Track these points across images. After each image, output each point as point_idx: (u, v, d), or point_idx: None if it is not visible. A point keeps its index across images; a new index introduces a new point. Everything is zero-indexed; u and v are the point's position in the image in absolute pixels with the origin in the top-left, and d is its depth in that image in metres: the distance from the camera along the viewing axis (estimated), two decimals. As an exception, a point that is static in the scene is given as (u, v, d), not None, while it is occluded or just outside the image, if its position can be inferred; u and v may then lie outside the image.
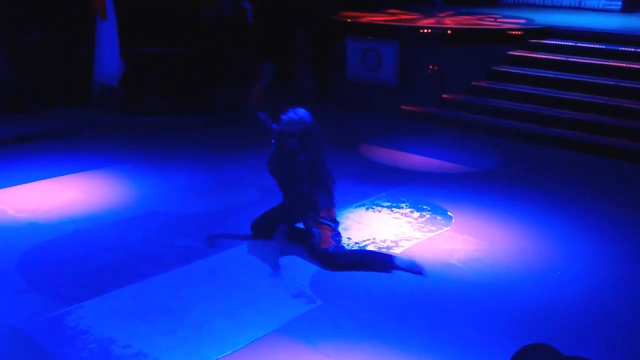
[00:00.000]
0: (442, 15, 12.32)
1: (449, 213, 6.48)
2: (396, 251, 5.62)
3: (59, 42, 10.18)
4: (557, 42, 10.82)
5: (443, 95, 10.41)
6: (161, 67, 10.52)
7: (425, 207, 6.63)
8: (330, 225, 5.41)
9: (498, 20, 12.26)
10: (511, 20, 12.15)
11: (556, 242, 5.94)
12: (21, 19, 9.94)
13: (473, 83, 10.50)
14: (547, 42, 10.90)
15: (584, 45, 10.52)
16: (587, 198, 7.02)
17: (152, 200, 6.74)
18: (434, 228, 6.13)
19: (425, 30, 10.71)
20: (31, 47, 9.93)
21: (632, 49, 10.01)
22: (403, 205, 6.67)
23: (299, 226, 5.65)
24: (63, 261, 5.35)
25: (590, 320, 4.68)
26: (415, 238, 5.90)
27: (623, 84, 9.51)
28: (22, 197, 6.70)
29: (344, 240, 5.71)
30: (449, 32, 10.76)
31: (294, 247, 5.56)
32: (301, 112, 5.52)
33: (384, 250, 5.61)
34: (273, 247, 5.48)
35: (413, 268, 5.24)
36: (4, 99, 9.46)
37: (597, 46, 10.39)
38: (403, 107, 10.43)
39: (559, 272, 5.35)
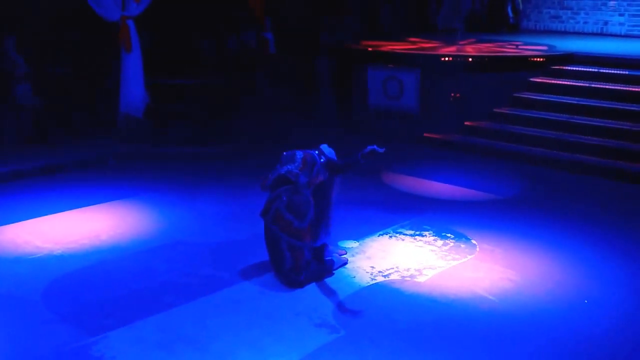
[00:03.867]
0: (463, 43, 12.36)
1: (473, 241, 6.44)
2: (420, 280, 5.59)
3: (84, 74, 10.40)
4: (579, 68, 10.78)
5: (465, 123, 10.41)
6: (184, 98, 10.67)
7: (448, 235, 6.60)
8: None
9: (519, 47, 12.27)
10: (533, 47, 12.14)
11: (583, 269, 5.86)
12: (48, 52, 10.17)
13: (495, 110, 10.49)
14: (569, 68, 10.87)
15: (606, 71, 10.47)
16: (612, 224, 6.93)
17: (176, 229, 6.79)
18: (457, 256, 6.09)
19: (447, 58, 10.76)
20: (57, 79, 10.15)
21: (656, 74, 9.96)
22: (426, 233, 6.65)
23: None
24: (89, 291, 5.40)
25: (628, 353, 4.58)
26: (439, 267, 5.86)
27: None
28: (48, 227, 6.78)
29: (367, 269, 5.72)
30: (470, 59, 10.79)
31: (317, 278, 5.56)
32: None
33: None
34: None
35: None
36: (30, 130, 9.65)
37: (620, 72, 10.34)
38: (425, 134, 10.44)
39: (586, 301, 5.27)
